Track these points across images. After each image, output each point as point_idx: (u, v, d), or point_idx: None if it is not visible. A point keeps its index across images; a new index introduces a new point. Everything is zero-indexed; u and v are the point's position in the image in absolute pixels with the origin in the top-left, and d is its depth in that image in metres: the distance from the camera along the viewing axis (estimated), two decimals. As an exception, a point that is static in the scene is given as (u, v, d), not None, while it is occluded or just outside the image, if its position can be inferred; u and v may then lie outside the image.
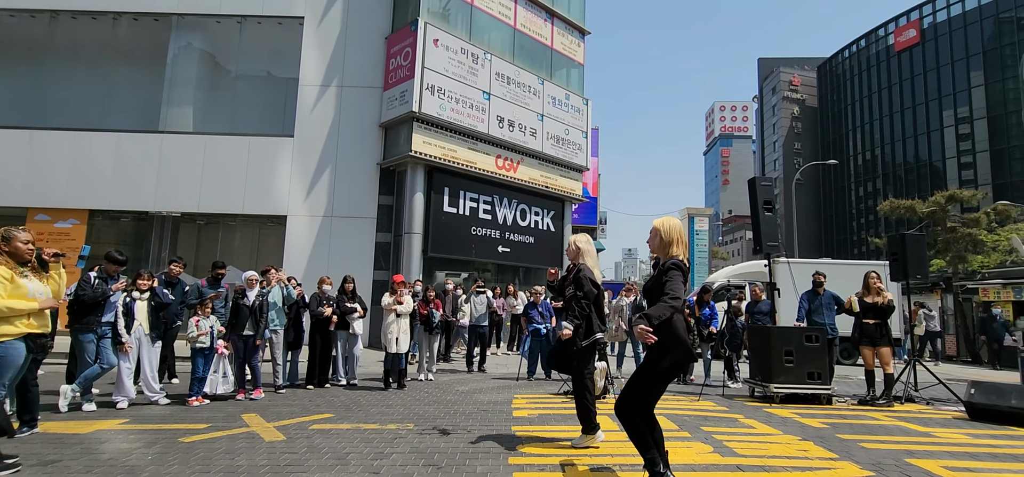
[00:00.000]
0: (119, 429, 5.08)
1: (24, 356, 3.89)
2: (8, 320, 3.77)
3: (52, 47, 15.19)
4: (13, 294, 3.82)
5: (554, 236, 17.38)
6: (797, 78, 63.54)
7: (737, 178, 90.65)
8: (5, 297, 3.76)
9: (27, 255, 4.02)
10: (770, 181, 8.65)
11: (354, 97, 14.58)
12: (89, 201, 13.68)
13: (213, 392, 6.61)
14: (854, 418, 6.28)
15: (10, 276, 3.83)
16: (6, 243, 3.93)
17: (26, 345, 3.89)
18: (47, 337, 4.17)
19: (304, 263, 13.49)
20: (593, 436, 4.59)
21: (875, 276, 7.50)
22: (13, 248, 3.94)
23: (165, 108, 14.75)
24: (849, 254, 49.59)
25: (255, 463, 4.02)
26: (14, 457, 3.85)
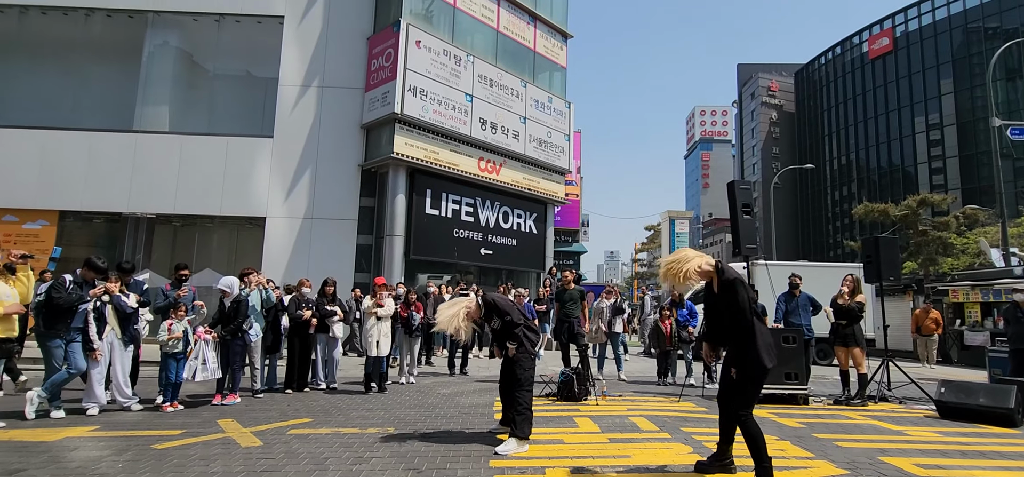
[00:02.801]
0: (89, 436, 4.94)
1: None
2: None
3: (21, 43, 14.76)
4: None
5: (537, 238, 17.41)
6: (775, 84, 64.70)
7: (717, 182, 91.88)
8: None
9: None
10: (748, 185, 8.76)
11: (335, 98, 14.44)
12: (60, 202, 13.32)
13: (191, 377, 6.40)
14: (830, 418, 6.40)
15: None
16: None
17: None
18: (13, 342, 4.03)
19: (284, 266, 13.30)
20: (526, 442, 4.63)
21: (848, 279, 7.66)
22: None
23: (140, 107, 14.43)
24: (825, 256, 50.60)
25: (231, 469, 3.94)
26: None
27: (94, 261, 6.16)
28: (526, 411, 4.70)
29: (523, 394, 4.77)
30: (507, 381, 4.92)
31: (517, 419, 4.67)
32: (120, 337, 6.21)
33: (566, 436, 5.14)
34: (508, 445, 4.51)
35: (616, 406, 6.89)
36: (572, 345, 8.76)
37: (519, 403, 4.71)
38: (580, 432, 5.34)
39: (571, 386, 7.17)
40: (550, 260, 17.75)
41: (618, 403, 7.14)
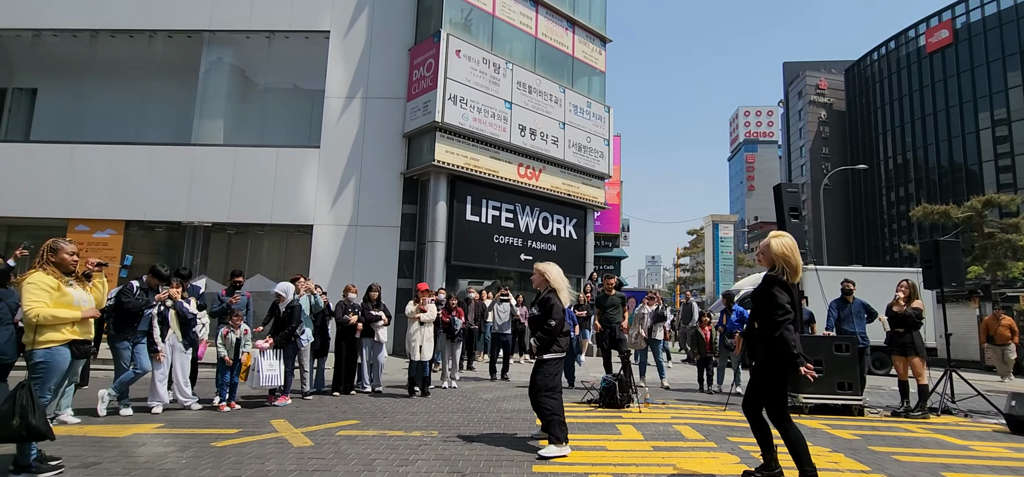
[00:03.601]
0: (154, 433, 5.25)
1: (69, 361, 4.06)
2: (54, 327, 3.93)
3: (92, 65, 15.83)
4: (59, 303, 3.98)
5: (577, 244, 17.34)
6: (824, 82, 62.33)
7: (763, 184, 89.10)
8: (51, 305, 3.92)
9: (71, 265, 4.19)
10: (796, 187, 8.50)
11: (378, 108, 14.83)
12: (125, 212, 14.18)
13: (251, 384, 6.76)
14: (887, 430, 6.12)
15: (56, 285, 4.00)
16: (53, 254, 4.09)
17: (70, 351, 4.05)
18: (90, 343, 4.34)
19: (330, 272, 13.72)
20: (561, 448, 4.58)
21: (904, 284, 7.32)
22: (59, 259, 4.10)
23: (197, 121, 15.22)
24: (880, 261, 48.26)
25: (284, 468, 4.11)
26: (57, 458, 4.02)
27: (158, 269, 6.58)
28: (553, 415, 4.68)
29: (545, 398, 4.75)
30: (531, 386, 4.94)
31: (547, 423, 4.70)
32: (181, 340, 6.58)
33: (609, 443, 5.11)
34: (548, 449, 4.56)
35: (659, 414, 6.80)
36: (614, 351, 8.68)
37: (544, 408, 4.73)
38: (623, 440, 5.30)
39: (613, 393, 7.12)
40: (590, 265, 17.64)
41: (661, 411, 7.04)
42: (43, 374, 3.88)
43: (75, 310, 4.06)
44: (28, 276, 3.99)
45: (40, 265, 4.05)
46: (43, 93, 16.57)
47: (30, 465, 3.75)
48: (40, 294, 3.89)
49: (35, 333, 3.88)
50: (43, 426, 3.65)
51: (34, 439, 3.70)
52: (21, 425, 3.55)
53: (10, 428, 3.55)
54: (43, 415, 3.68)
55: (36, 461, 3.80)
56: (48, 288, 3.95)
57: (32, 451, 3.78)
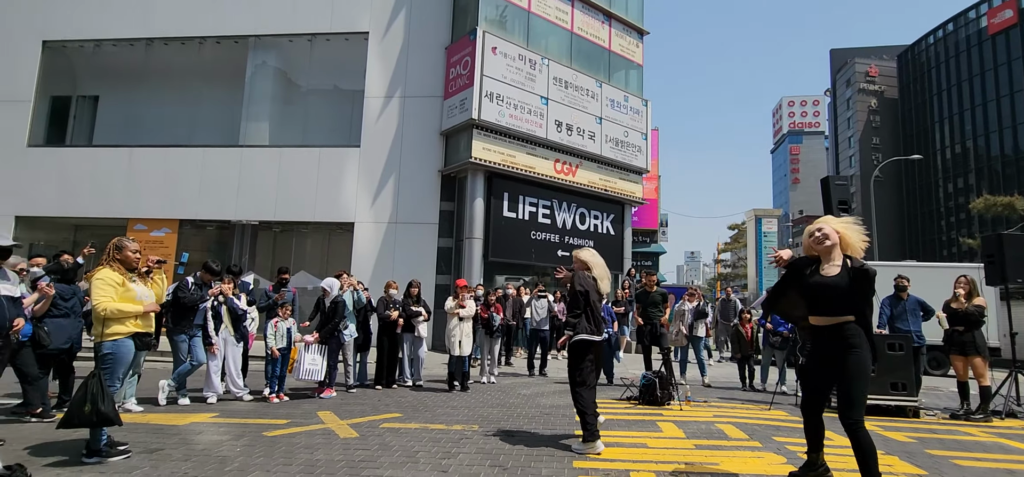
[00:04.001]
0: (210, 422, 5.51)
1: (133, 352, 4.33)
2: (119, 321, 4.19)
3: (147, 72, 16.66)
4: (123, 297, 4.24)
5: (614, 239, 17.19)
6: (875, 68, 59.59)
7: (808, 176, 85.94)
8: (116, 300, 4.18)
9: (135, 262, 4.47)
10: (845, 180, 8.20)
11: (416, 107, 15.06)
12: (179, 211, 14.89)
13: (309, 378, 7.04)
14: (945, 433, 5.84)
15: (121, 281, 4.26)
16: (118, 252, 4.36)
17: (133, 343, 4.31)
18: (151, 335, 4.61)
19: (370, 268, 14.04)
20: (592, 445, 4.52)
21: (963, 280, 6.96)
22: (124, 256, 4.37)
23: (244, 123, 15.82)
24: (936, 256, 45.88)
25: (332, 458, 4.25)
26: (125, 444, 4.28)
27: (210, 265, 6.94)
28: (582, 413, 4.63)
29: (576, 392, 4.70)
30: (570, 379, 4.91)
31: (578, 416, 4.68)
32: (233, 334, 6.88)
33: (649, 440, 5.07)
34: (578, 444, 4.60)
35: (701, 412, 6.69)
36: (654, 348, 8.58)
37: (575, 401, 4.70)
38: (664, 437, 5.25)
39: (653, 390, 7.04)
40: (628, 261, 17.45)
41: (703, 409, 6.92)
42: (111, 364, 4.14)
43: (138, 304, 4.31)
44: (96, 272, 4.26)
45: (107, 262, 4.31)
46: (104, 100, 17.55)
47: (101, 449, 4.01)
48: (107, 289, 4.15)
49: (103, 326, 4.14)
50: (111, 413, 3.90)
51: (104, 425, 3.96)
52: (92, 412, 3.82)
53: (83, 415, 3.82)
54: (111, 403, 3.93)
55: (106, 446, 4.06)
56: (114, 284, 4.20)
57: (102, 436, 4.04)
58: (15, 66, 15.77)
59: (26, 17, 16.01)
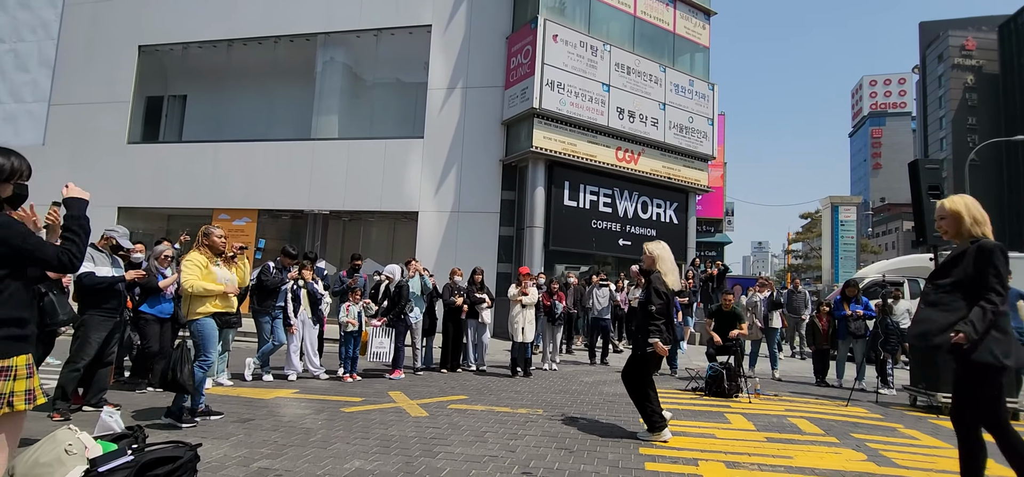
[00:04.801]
0: (292, 397, 5.91)
1: (216, 330, 4.73)
2: (202, 301, 4.60)
3: (228, 72, 17.80)
4: (206, 278, 4.66)
5: (678, 228, 16.75)
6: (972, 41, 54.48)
7: (891, 161, 79.97)
8: (201, 279, 4.60)
9: (221, 247, 4.91)
10: (936, 163, 7.59)
11: (478, 97, 15.25)
12: (257, 202, 15.87)
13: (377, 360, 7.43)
14: (1051, 438, 5.35)
15: (205, 263, 4.71)
16: (206, 238, 4.82)
17: (215, 321, 4.70)
18: (232, 315, 5.02)
19: (434, 256, 14.42)
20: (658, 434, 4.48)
21: None
22: (211, 242, 4.82)
23: (315, 118, 16.60)
24: (1043, 247, 41.59)
25: (405, 434, 4.47)
26: (220, 413, 4.71)
27: (288, 249, 7.47)
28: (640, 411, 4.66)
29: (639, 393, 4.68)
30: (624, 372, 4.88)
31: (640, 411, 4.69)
32: (310, 316, 7.32)
33: (718, 431, 4.98)
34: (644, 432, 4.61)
35: (771, 405, 6.47)
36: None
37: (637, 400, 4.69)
38: (732, 428, 5.13)
39: (720, 381, 6.88)
40: (693, 251, 16.97)
41: (773, 402, 6.70)
42: (199, 339, 4.58)
43: (218, 285, 4.72)
44: (187, 256, 4.74)
45: (196, 247, 4.79)
46: (191, 99, 18.93)
47: (177, 412, 4.46)
48: (194, 270, 4.61)
49: (189, 304, 4.60)
50: (186, 381, 4.31)
51: (178, 390, 4.37)
52: (172, 377, 4.27)
53: (166, 379, 4.31)
54: (189, 374, 4.32)
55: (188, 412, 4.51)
56: (200, 265, 4.66)
57: (183, 400, 4.47)
58: (116, 70, 17.27)
59: (124, 25, 17.47)
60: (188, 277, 4.57)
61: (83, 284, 4.83)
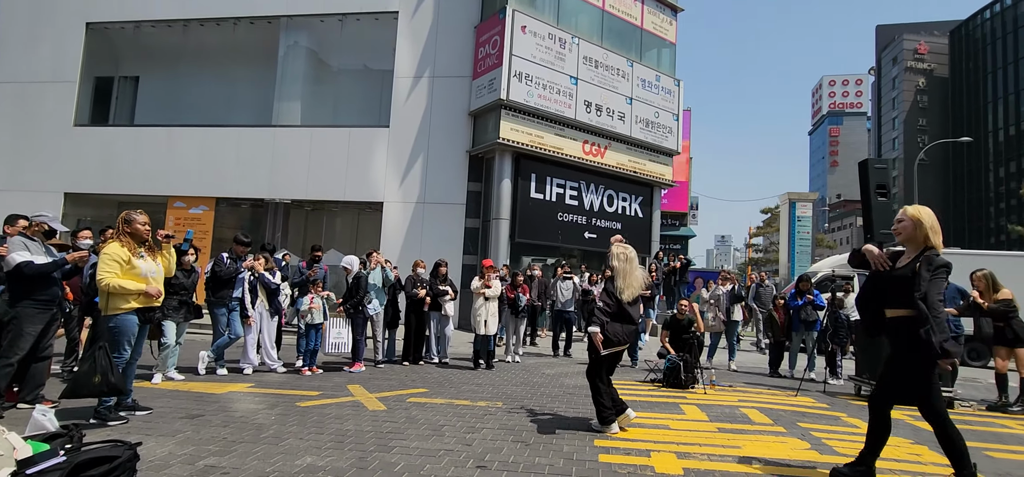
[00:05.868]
0: (246, 391, 5.76)
1: (136, 327, 4.42)
2: (122, 296, 4.28)
3: (185, 53, 17.12)
4: (127, 274, 4.31)
5: (642, 222, 17.01)
6: (924, 45, 56.82)
7: (848, 159, 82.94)
8: (120, 276, 4.26)
9: (145, 235, 4.50)
10: (884, 163, 7.89)
11: (445, 87, 15.09)
12: (215, 190, 15.34)
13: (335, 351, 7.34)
14: (980, 424, 5.68)
15: (127, 257, 4.32)
16: (127, 225, 4.42)
17: (138, 317, 4.40)
18: (156, 311, 4.69)
19: (399, 247, 14.26)
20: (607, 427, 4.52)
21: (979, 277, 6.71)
22: (133, 229, 4.43)
23: (277, 103, 16.13)
24: (983, 243, 43.95)
25: (361, 429, 4.41)
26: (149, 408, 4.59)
27: (240, 237, 7.24)
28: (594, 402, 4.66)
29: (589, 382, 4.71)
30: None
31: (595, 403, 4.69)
32: (267, 308, 7.14)
33: (672, 422, 5.09)
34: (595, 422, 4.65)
35: (726, 396, 6.66)
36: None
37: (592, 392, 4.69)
38: (687, 419, 5.26)
39: (678, 373, 7.03)
40: (656, 244, 17.27)
41: (728, 393, 6.89)
42: (114, 337, 4.26)
43: (141, 282, 4.37)
44: (105, 247, 4.35)
45: (116, 236, 4.38)
46: (144, 81, 18.14)
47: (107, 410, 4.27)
48: (112, 265, 4.23)
49: (107, 299, 4.27)
50: (120, 383, 4.10)
51: (113, 394, 4.16)
52: (102, 382, 3.98)
53: (92, 385, 3.99)
54: (119, 373, 4.12)
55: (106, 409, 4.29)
56: (120, 260, 4.27)
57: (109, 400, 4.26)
58: (62, 48, 16.39)
59: (70, 0, 16.58)
60: (105, 274, 4.18)
61: (23, 274, 4.50)
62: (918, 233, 3.42)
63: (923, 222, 3.41)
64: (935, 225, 3.42)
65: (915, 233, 3.43)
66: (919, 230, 3.41)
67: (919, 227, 3.41)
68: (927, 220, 3.41)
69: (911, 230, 3.45)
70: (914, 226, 3.44)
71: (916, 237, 3.43)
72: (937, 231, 3.41)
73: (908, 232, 3.47)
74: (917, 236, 3.43)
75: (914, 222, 3.44)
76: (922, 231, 3.40)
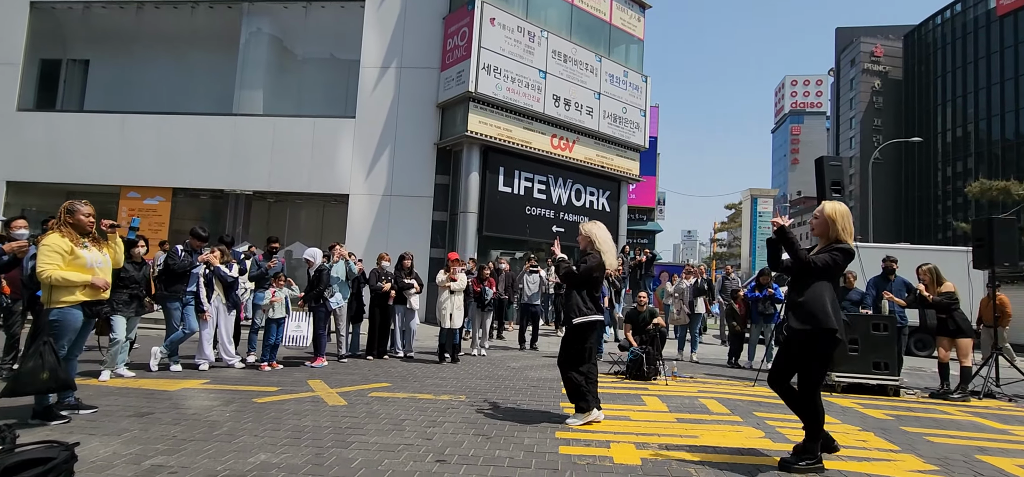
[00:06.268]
0: (201, 388, 5.58)
1: (81, 321, 4.21)
2: (66, 289, 4.07)
3: (139, 36, 16.41)
4: (71, 265, 4.09)
5: (610, 216, 17.18)
6: (880, 48, 59.00)
7: (808, 157, 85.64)
8: (63, 268, 4.05)
9: (88, 226, 4.27)
10: (839, 160, 8.18)
11: (412, 78, 14.89)
12: (173, 180, 14.80)
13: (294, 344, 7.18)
14: (922, 411, 5.96)
15: (70, 248, 4.10)
16: (70, 215, 4.19)
17: (83, 312, 4.20)
18: (103, 305, 4.47)
19: (365, 240, 14.04)
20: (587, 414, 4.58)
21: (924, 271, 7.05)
22: (76, 220, 4.20)
23: (238, 91, 15.64)
24: (932, 239, 46.09)
25: (319, 424, 4.33)
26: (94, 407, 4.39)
27: (197, 230, 6.97)
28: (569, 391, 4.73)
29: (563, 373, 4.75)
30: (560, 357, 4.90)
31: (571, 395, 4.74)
32: (224, 302, 6.92)
33: (633, 413, 5.16)
34: (572, 418, 4.64)
35: (686, 387, 6.80)
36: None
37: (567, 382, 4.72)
38: (647, 410, 5.35)
39: (640, 365, 7.14)
40: (623, 239, 17.49)
41: (688, 384, 7.04)
42: (56, 331, 4.04)
43: (87, 273, 4.16)
44: (45, 237, 4.12)
45: (57, 226, 4.16)
46: (95, 65, 17.32)
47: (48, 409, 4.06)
48: (53, 257, 4.01)
49: (50, 293, 4.05)
50: (68, 378, 3.92)
51: (61, 389, 3.97)
52: (50, 378, 3.77)
53: (40, 381, 3.77)
54: (66, 368, 3.93)
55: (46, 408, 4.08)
56: (61, 251, 4.05)
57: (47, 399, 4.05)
58: (3, 27, 15.49)
59: (14, -23, 15.69)
60: (46, 266, 3.95)
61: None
62: (830, 230, 3.64)
63: (835, 220, 3.63)
64: (846, 224, 3.63)
65: (827, 229, 3.65)
66: (831, 228, 3.64)
67: (831, 224, 3.63)
68: (838, 218, 3.63)
69: (824, 226, 3.67)
70: (826, 224, 3.66)
71: (828, 232, 3.65)
72: (847, 230, 3.63)
73: (821, 228, 3.70)
74: (829, 232, 3.65)
75: (828, 219, 3.66)
76: (834, 228, 3.62)
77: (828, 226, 3.64)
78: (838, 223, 3.61)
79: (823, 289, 3.54)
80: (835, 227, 3.62)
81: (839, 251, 3.57)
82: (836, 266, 3.60)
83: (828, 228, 3.65)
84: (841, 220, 3.62)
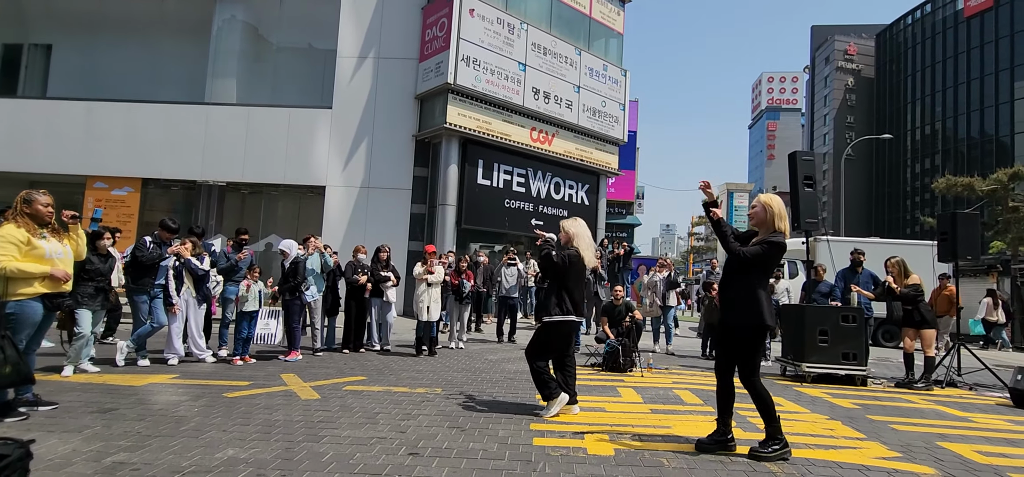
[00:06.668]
0: (169, 383, 5.45)
1: (40, 314, 4.07)
2: (23, 280, 3.93)
3: (105, 21, 15.87)
4: (28, 256, 3.96)
5: (589, 210, 17.25)
6: (853, 47, 60.23)
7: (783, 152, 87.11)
8: (19, 259, 3.92)
9: (46, 217, 4.13)
10: (812, 156, 8.32)
11: (391, 69, 14.71)
12: (142, 170, 14.39)
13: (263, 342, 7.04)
14: (888, 400, 6.12)
15: (26, 239, 3.96)
16: (27, 205, 4.05)
17: (43, 305, 4.06)
18: (64, 297, 4.33)
19: (342, 233, 13.87)
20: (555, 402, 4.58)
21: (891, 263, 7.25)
22: (34, 210, 4.06)
23: (210, 80, 15.27)
24: (901, 233, 47.41)
25: (291, 418, 4.26)
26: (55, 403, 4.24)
27: (167, 222, 6.79)
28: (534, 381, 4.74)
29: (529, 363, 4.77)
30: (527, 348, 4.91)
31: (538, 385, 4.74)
32: (194, 295, 6.76)
33: (608, 405, 5.20)
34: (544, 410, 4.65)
35: (661, 379, 6.87)
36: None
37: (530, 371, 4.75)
38: (622, 402, 5.39)
39: (616, 357, 7.20)
40: (602, 232, 17.59)
41: (664, 376, 7.12)
42: (14, 325, 3.90)
43: (45, 264, 4.02)
44: (1, 229, 3.96)
45: (13, 217, 4.01)
46: (58, 49, 16.71)
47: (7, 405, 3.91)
48: (7, 248, 3.87)
49: (6, 285, 3.90)
50: (29, 372, 3.77)
51: (23, 384, 3.83)
52: (13, 373, 3.61)
53: (3, 375, 3.61)
54: (24, 361, 3.79)
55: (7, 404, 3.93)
56: (16, 242, 3.91)
57: (5, 395, 3.88)
58: (-38, 10, 14.87)
59: (-28, -43, 15.05)
60: (0, 258, 3.82)
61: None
62: (768, 218, 3.74)
63: (772, 209, 3.73)
64: (782, 213, 3.75)
65: (765, 217, 3.75)
66: (768, 215, 3.74)
67: (768, 212, 3.74)
68: (776, 208, 3.74)
69: (762, 215, 3.77)
70: (764, 211, 3.76)
71: (766, 221, 3.75)
72: (783, 218, 3.74)
73: (759, 217, 3.79)
74: (767, 220, 3.74)
75: (765, 208, 3.76)
76: (771, 216, 3.72)
77: (766, 214, 3.74)
78: (775, 210, 3.72)
79: (754, 283, 3.65)
80: (772, 213, 3.71)
81: (769, 243, 3.66)
82: (768, 257, 3.69)
83: (766, 217, 3.74)
84: (777, 208, 3.73)
